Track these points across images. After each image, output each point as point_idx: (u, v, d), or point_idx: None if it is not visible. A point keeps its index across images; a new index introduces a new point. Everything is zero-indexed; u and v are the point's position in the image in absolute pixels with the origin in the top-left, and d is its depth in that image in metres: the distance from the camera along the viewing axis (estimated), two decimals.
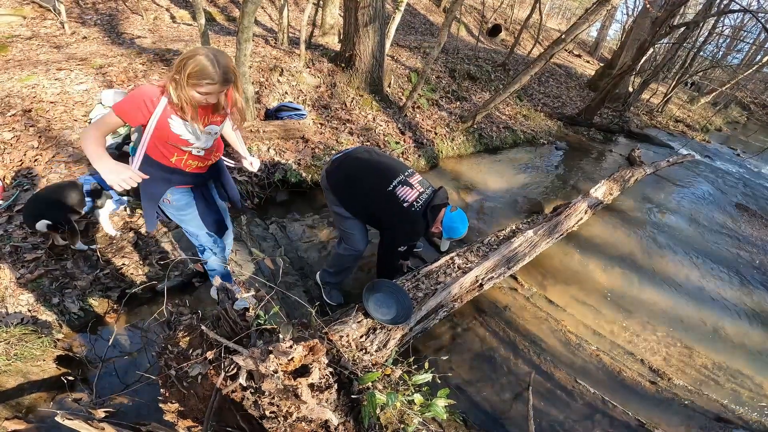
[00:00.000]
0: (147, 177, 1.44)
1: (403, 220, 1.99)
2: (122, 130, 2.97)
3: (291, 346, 0.80)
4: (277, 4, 7.65)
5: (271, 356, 0.77)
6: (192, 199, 1.78)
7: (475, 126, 5.42)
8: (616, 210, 4.42)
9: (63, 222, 2.11)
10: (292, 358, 0.79)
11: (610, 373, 2.45)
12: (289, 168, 3.46)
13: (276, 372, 0.78)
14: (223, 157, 1.90)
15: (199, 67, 1.30)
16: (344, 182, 2.06)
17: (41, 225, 2.07)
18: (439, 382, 1.53)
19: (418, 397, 1.40)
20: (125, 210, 2.65)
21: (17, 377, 1.67)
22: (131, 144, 1.67)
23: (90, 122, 2.90)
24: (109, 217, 2.48)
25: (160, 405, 1.15)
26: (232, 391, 0.94)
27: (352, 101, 4.69)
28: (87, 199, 2.23)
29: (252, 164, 1.88)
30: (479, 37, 9.32)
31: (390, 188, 1.99)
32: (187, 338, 1.21)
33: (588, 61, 14.17)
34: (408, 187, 2.01)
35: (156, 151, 1.56)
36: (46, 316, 1.96)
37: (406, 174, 2.06)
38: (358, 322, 1.79)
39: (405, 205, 1.96)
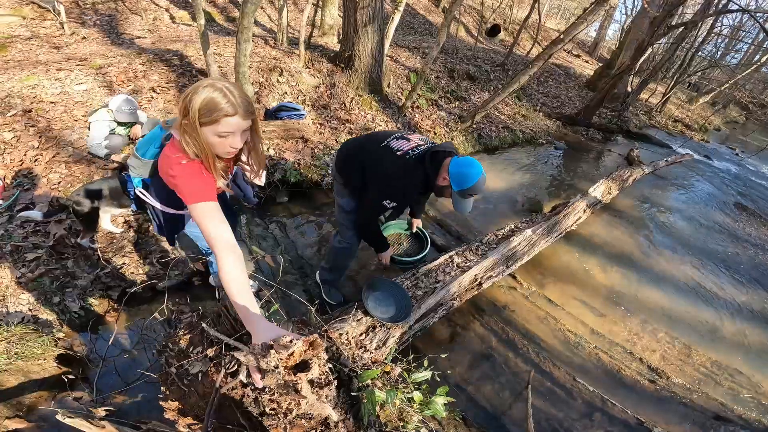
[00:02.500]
0: None
1: (394, 169, 1.71)
2: (122, 131, 2.98)
3: (291, 341, 0.81)
4: (276, 4, 7.65)
5: (272, 351, 0.78)
6: None
7: (474, 126, 5.43)
8: (614, 209, 4.43)
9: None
10: (292, 353, 0.79)
11: (609, 371, 2.46)
12: (288, 168, 3.47)
13: (277, 367, 0.79)
14: None
15: (207, 100, 1.04)
16: (345, 157, 1.97)
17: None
18: (439, 380, 1.54)
19: (417, 395, 1.41)
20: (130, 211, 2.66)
21: (18, 376, 1.68)
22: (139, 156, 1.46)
23: (91, 130, 2.87)
24: (111, 218, 2.49)
25: (161, 403, 1.15)
26: (233, 389, 0.95)
27: (351, 101, 4.70)
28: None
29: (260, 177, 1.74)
30: (478, 37, 9.34)
31: (384, 144, 1.80)
32: (188, 336, 1.22)
33: (587, 61, 14.20)
34: (404, 140, 1.78)
35: None
36: (47, 315, 1.97)
37: (404, 132, 1.90)
38: (358, 320, 1.79)
39: (398, 153, 1.72)
